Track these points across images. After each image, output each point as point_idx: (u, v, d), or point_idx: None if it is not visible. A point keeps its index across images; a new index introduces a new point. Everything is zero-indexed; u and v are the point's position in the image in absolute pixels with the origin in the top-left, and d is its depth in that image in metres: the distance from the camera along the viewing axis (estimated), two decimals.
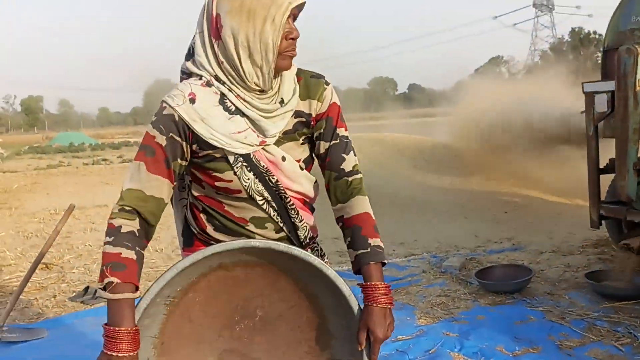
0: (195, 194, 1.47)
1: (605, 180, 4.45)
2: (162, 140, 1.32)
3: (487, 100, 10.96)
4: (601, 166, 4.41)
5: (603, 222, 4.47)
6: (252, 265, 1.39)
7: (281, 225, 1.47)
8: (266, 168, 1.40)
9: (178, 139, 1.33)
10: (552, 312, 3.67)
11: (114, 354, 1.19)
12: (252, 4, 1.28)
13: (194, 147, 1.36)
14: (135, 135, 44.81)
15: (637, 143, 3.80)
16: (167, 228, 7.16)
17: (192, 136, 1.34)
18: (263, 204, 1.44)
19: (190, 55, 1.39)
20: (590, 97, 4.26)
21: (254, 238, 1.46)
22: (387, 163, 10.24)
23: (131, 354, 1.21)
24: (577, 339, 3.27)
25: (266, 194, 1.42)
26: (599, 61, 4.37)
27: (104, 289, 1.23)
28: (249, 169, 1.39)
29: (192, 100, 1.32)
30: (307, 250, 1.44)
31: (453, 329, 3.48)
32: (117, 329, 1.21)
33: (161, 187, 1.33)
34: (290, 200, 1.45)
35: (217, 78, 1.35)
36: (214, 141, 1.34)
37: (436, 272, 4.65)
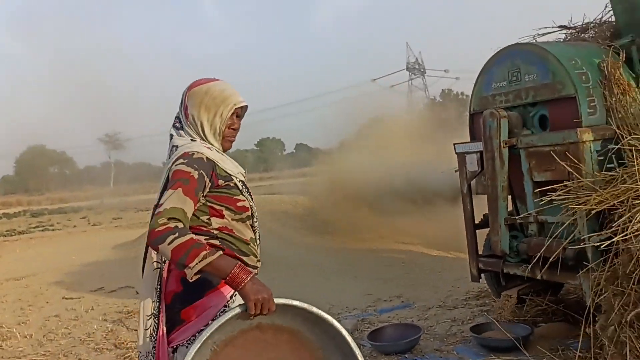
0: (216, 226, 1.92)
1: (482, 233, 4.69)
2: (195, 174, 1.83)
3: (367, 159, 11.34)
4: (476, 221, 4.64)
5: (483, 274, 4.67)
6: (281, 331, 1.79)
7: (258, 243, 2.05)
8: (251, 194, 2.05)
9: (205, 176, 1.86)
10: None
11: (246, 280, 1.70)
12: (208, 102, 1.97)
13: (220, 181, 1.92)
14: (4, 206, 41.16)
15: (506, 199, 4.06)
16: (39, 310, 6.55)
17: (214, 175, 1.90)
18: (256, 222, 2.05)
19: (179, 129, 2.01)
20: (461, 157, 4.52)
21: (256, 255, 2.00)
22: (276, 225, 10.17)
23: (250, 275, 1.72)
24: None
25: (256, 214, 2.05)
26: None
27: (197, 263, 1.67)
28: (248, 192, 2.02)
29: (209, 149, 1.95)
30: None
31: None
32: (235, 268, 1.71)
33: (191, 208, 1.81)
34: (258, 224, 2.06)
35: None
36: (231, 172, 1.96)
37: None
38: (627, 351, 3.00)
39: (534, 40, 4.32)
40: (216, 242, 1.91)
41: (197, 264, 1.67)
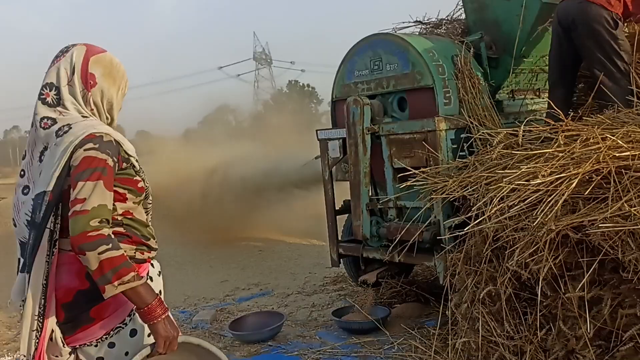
0: (120, 211, 1.77)
1: (340, 220, 4.77)
2: (110, 161, 1.67)
3: (218, 147, 11.08)
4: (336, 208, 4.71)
5: (341, 260, 4.75)
6: None
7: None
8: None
9: (116, 160, 1.71)
10: (306, 354, 3.71)
11: (162, 316, 1.67)
12: (115, 74, 1.83)
13: (124, 164, 1.76)
14: None
15: (368, 185, 4.15)
16: None
17: (120, 158, 1.74)
18: (150, 202, 1.90)
19: (55, 103, 1.75)
20: (324, 143, 4.54)
21: (154, 237, 1.90)
22: None
23: (166, 312, 1.69)
24: None
25: (150, 194, 1.91)
26: (314, 112, 4.72)
27: (120, 283, 1.59)
28: (142, 171, 1.85)
29: (110, 128, 1.77)
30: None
31: None
32: (154, 301, 1.66)
33: (112, 201, 1.68)
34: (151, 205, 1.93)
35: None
36: (131, 152, 1.79)
37: (187, 329, 4.36)
38: (479, 326, 3.21)
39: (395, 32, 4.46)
40: (121, 229, 1.78)
41: (121, 285, 1.59)
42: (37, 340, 1.64)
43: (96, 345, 1.73)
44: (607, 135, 2.79)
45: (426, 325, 3.94)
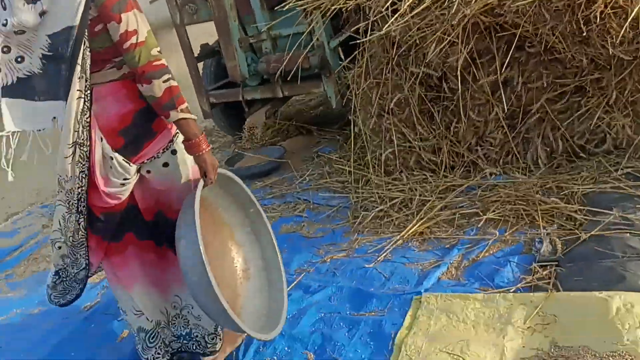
0: None
1: None
2: None
3: None
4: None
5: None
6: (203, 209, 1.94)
7: None
8: None
9: None
10: None
11: (207, 148, 1.80)
12: None
13: None
14: None
15: (237, 19, 3.72)
16: None
17: None
18: None
19: None
20: None
21: None
22: None
23: (209, 147, 1.83)
24: None
25: None
26: None
27: (181, 110, 1.72)
28: None
29: None
30: None
31: None
32: (202, 135, 1.79)
33: None
34: None
35: None
36: None
37: None
38: (391, 135, 3.23)
39: None
40: None
41: (182, 112, 1.71)
42: (82, 164, 1.70)
43: (158, 157, 1.83)
44: None
45: (323, 153, 3.87)
